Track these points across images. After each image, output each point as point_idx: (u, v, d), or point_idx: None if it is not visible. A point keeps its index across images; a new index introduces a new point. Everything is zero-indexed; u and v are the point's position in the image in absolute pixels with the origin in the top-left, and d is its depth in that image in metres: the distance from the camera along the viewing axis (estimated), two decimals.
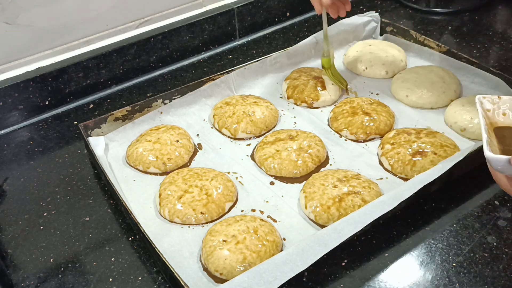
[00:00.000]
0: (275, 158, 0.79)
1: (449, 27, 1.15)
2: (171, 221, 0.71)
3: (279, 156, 0.79)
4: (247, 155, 0.84)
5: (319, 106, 0.93)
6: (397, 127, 0.87)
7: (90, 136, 0.84)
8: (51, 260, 0.68)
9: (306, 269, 0.59)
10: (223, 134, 0.88)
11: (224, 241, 0.65)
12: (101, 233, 0.72)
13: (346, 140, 0.85)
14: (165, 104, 0.91)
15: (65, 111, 0.98)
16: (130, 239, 0.71)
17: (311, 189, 0.73)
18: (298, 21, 1.22)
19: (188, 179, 0.75)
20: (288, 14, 1.21)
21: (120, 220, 0.74)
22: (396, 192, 0.67)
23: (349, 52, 1.04)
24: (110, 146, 0.85)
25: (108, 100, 1.00)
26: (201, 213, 0.71)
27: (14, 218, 0.75)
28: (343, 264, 0.65)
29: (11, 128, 0.93)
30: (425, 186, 0.68)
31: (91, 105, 0.99)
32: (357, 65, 1.01)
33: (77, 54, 0.99)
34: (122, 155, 0.84)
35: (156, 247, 0.63)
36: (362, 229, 0.63)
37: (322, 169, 0.80)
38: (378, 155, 0.81)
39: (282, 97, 0.96)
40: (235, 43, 1.15)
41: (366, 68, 1.00)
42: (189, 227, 0.71)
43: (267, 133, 0.87)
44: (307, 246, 0.60)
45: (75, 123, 0.94)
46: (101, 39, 1.02)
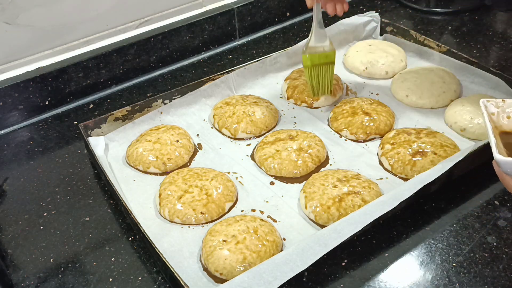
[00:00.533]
0: (275, 158, 0.79)
1: (449, 27, 1.15)
2: (171, 221, 0.71)
3: (279, 156, 0.79)
4: (247, 155, 0.84)
5: (319, 106, 0.93)
6: (397, 127, 0.87)
7: (90, 136, 0.84)
8: (51, 260, 0.68)
9: (306, 269, 0.59)
10: (223, 134, 0.88)
11: (224, 241, 0.65)
12: (101, 233, 0.72)
13: (346, 140, 0.85)
14: (165, 104, 0.91)
15: (65, 111, 0.98)
16: (130, 239, 0.71)
17: (311, 189, 0.73)
18: (298, 21, 1.22)
19: (188, 179, 0.75)
20: (288, 14, 1.21)
21: (120, 220, 0.74)
22: (396, 192, 0.67)
23: (349, 52, 1.04)
24: (110, 146, 0.85)
25: (108, 100, 1.00)
26: (201, 213, 0.71)
27: (14, 218, 0.75)
28: (343, 264, 0.65)
29: (11, 128, 0.93)
30: (425, 186, 0.68)
31: (91, 105, 0.99)
32: (357, 65, 1.00)
33: (77, 54, 0.98)
34: (122, 155, 0.84)
35: (156, 247, 0.63)
36: (362, 229, 0.63)
37: (322, 169, 0.80)
38: (378, 155, 0.81)
39: (282, 97, 0.96)
40: (235, 43, 1.15)
41: (366, 68, 1.00)
42: (189, 227, 0.71)
43: (267, 133, 0.87)
44: (307, 246, 0.60)
45: (75, 123, 0.94)
46: (101, 39, 1.02)
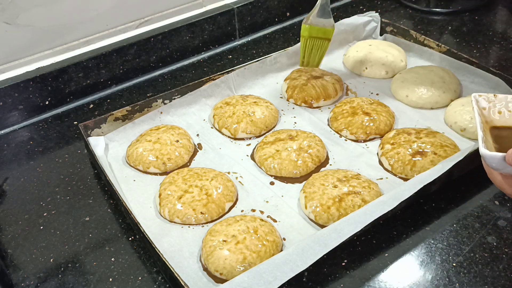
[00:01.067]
0: (275, 158, 0.79)
1: (449, 27, 1.15)
2: (171, 221, 0.71)
3: (279, 156, 0.79)
4: (247, 155, 0.84)
5: (319, 106, 0.93)
6: (397, 127, 0.87)
7: (90, 136, 0.84)
8: (51, 260, 0.68)
9: (306, 269, 0.59)
10: (223, 134, 0.88)
11: (224, 241, 0.65)
12: (101, 233, 0.72)
13: (346, 140, 0.85)
14: (165, 104, 0.91)
15: (65, 111, 0.98)
16: (130, 239, 0.71)
17: (311, 189, 0.73)
18: (298, 21, 1.22)
19: (188, 179, 0.75)
20: (288, 14, 1.21)
21: (120, 220, 0.74)
22: (396, 192, 0.67)
23: (349, 52, 1.04)
24: (110, 146, 0.85)
25: (108, 100, 1.00)
26: (201, 213, 0.71)
27: (14, 218, 0.75)
28: (343, 264, 0.65)
29: (11, 128, 0.93)
30: (425, 186, 0.68)
31: (91, 105, 0.99)
32: (357, 65, 1.00)
33: (77, 54, 0.98)
34: (122, 155, 0.84)
35: (156, 247, 0.63)
36: (362, 229, 0.63)
37: (322, 169, 0.80)
38: (378, 155, 0.81)
39: (282, 97, 0.96)
40: (235, 43, 1.15)
41: (366, 68, 1.00)
42: (189, 227, 0.71)
43: (267, 133, 0.87)
44: (307, 246, 0.60)
45: (75, 123, 0.94)
46: (101, 39, 1.02)
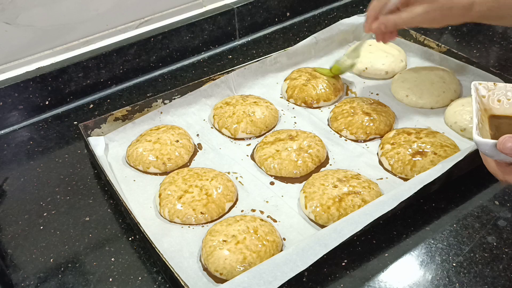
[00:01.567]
0: (275, 158, 0.79)
1: (449, 27, 1.15)
2: (171, 221, 0.71)
3: (279, 156, 0.79)
4: (247, 155, 0.84)
5: (319, 106, 0.93)
6: (397, 127, 0.87)
7: (90, 136, 0.84)
8: (51, 260, 0.68)
9: (306, 269, 0.59)
10: (223, 134, 0.88)
11: (224, 241, 0.65)
12: (101, 233, 0.72)
13: (346, 140, 0.85)
14: (165, 104, 0.91)
15: (65, 111, 0.98)
16: (130, 239, 0.71)
17: (311, 189, 0.73)
18: (298, 21, 1.22)
19: (188, 179, 0.75)
20: (288, 14, 1.21)
21: (120, 220, 0.74)
22: (396, 192, 0.67)
23: None
24: (110, 146, 0.85)
25: (108, 100, 1.00)
26: (201, 213, 0.71)
27: (14, 218, 0.75)
28: (343, 264, 0.65)
29: (11, 128, 0.93)
30: (425, 186, 0.68)
31: (91, 105, 0.99)
32: (357, 65, 1.00)
33: (77, 54, 0.98)
34: (122, 155, 0.84)
35: (156, 247, 0.63)
36: (362, 229, 0.63)
37: (322, 169, 0.80)
38: (378, 155, 0.81)
39: (282, 97, 0.96)
40: (235, 43, 1.15)
41: (366, 68, 1.00)
42: (189, 227, 0.71)
43: (267, 133, 0.87)
44: (307, 246, 0.60)
45: (75, 123, 0.94)
46: (101, 39, 1.02)
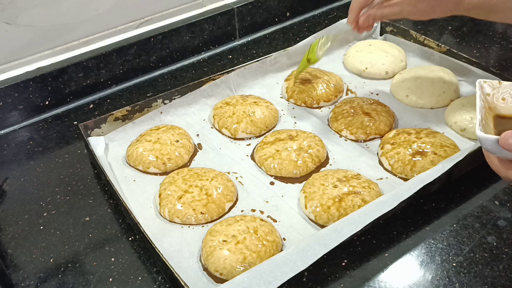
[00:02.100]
0: (275, 158, 0.79)
1: (449, 27, 1.15)
2: (171, 221, 0.71)
3: (279, 156, 0.79)
4: (247, 155, 0.84)
5: (319, 106, 0.93)
6: (397, 127, 0.87)
7: (90, 136, 0.84)
8: (51, 260, 0.68)
9: (306, 269, 0.59)
10: (223, 134, 0.88)
11: (224, 241, 0.65)
12: (101, 233, 0.72)
13: (346, 140, 0.85)
14: (165, 104, 0.91)
15: (65, 111, 0.98)
16: (130, 239, 0.71)
17: (311, 189, 0.73)
18: (298, 21, 1.22)
19: (188, 179, 0.75)
20: (288, 14, 1.21)
21: (120, 220, 0.74)
22: (396, 192, 0.67)
23: (349, 52, 1.04)
24: (110, 146, 0.85)
25: (108, 100, 1.00)
26: (201, 213, 0.71)
27: (14, 218, 0.75)
28: (343, 264, 0.65)
29: (11, 128, 0.93)
30: (425, 186, 0.68)
31: (91, 105, 0.99)
32: (357, 65, 1.00)
33: (77, 54, 0.98)
34: (122, 155, 0.84)
35: (156, 247, 0.63)
36: (362, 229, 0.63)
37: (322, 169, 0.80)
38: (378, 155, 0.81)
39: (282, 97, 0.96)
40: (235, 43, 1.15)
41: (366, 68, 1.00)
42: (189, 227, 0.71)
43: (267, 133, 0.87)
44: (307, 246, 0.60)
45: (75, 123, 0.94)
46: (101, 39, 1.02)
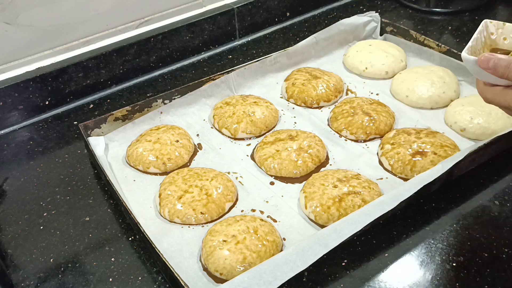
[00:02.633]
0: (275, 158, 0.79)
1: (449, 27, 1.15)
2: (171, 221, 0.71)
3: (279, 156, 0.79)
4: (247, 155, 0.84)
5: (319, 106, 0.93)
6: (397, 127, 0.87)
7: (90, 136, 0.84)
8: (51, 260, 0.68)
9: (306, 269, 0.59)
10: (223, 134, 0.88)
11: (224, 241, 0.65)
12: (101, 233, 0.72)
13: (346, 140, 0.85)
14: (165, 104, 0.91)
15: (65, 111, 0.98)
16: (130, 239, 0.71)
17: (311, 189, 0.73)
18: (298, 21, 1.22)
19: (188, 179, 0.75)
20: (288, 14, 1.21)
21: (120, 220, 0.74)
22: (396, 192, 0.67)
23: (349, 52, 1.04)
24: (110, 146, 0.85)
25: (108, 100, 1.00)
26: (201, 213, 0.71)
27: (14, 218, 0.75)
28: (343, 264, 0.65)
29: (11, 128, 0.93)
30: (425, 186, 0.68)
31: (91, 105, 0.99)
32: (357, 65, 1.00)
33: (77, 54, 0.98)
34: (122, 155, 0.84)
35: (156, 247, 0.63)
36: (362, 229, 0.63)
37: (322, 169, 0.80)
38: (378, 155, 0.81)
39: (282, 97, 0.96)
40: (235, 43, 1.15)
41: (366, 68, 1.00)
42: (189, 227, 0.71)
43: (267, 133, 0.87)
44: (307, 246, 0.60)
45: (75, 123, 0.94)
46: (101, 39, 1.02)
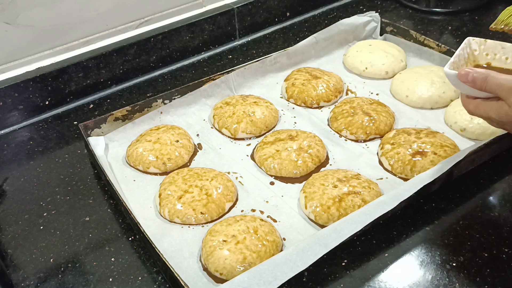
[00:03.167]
0: (275, 158, 0.79)
1: (449, 27, 1.15)
2: (171, 221, 0.71)
3: (279, 156, 0.79)
4: (247, 155, 0.84)
5: (319, 106, 0.93)
6: (397, 127, 0.87)
7: (90, 136, 0.84)
8: (51, 260, 0.68)
9: (306, 269, 0.59)
10: (223, 134, 0.88)
11: (224, 241, 0.65)
12: (101, 233, 0.72)
13: (346, 140, 0.85)
14: (165, 104, 0.91)
15: (65, 111, 0.98)
16: (130, 239, 0.71)
17: (311, 189, 0.73)
18: (298, 21, 1.22)
19: (188, 179, 0.75)
20: (288, 14, 1.21)
21: (120, 220, 0.74)
22: (396, 192, 0.67)
23: (349, 52, 1.04)
24: (110, 146, 0.85)
25: (108, 100, 1.00)
26: (201, 213, 0.71)
27: (14, 218, 0.75)
28: (343, 264, 0.65)
29: (11, 128, 0.93)
30: (425, 186, 0.68)
31: (91, 105, 0.99)
32: (357, 65, 1.00)
33: (77, 54, 0.98)
34: (122, 155, 0.84)
35: (156, 247, 0.63)
36: (362, 229, 0.63)
37: (322, 169, 0.80)
38: (378, 155, 0.81)
39: (282, 97, 0.96)
40: (235, 43, 1.15)
41: (366, 68, 1.00)
42: (189, 227, 0.71)
43: (267, 133, 0.87)
44: (307, 246, 0.60)
45: (75, 123, 0.94)
46: (101, 39, 1.02)
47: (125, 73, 1.03)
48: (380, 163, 0.80)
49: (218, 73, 0.95)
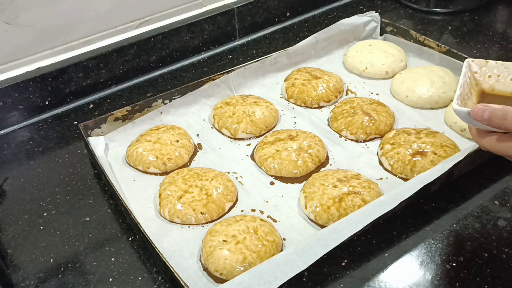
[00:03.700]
0: (275, 158, 0.79)
1: (449, 27, 1.15)
2: (171, 221, 0.71)
3: (279, 156, 0.79)
4: (247, 155, 0.84)
5: (319, 106, 0.93)
6: (397, 127, 0.87)
7: (90, 136, 0.84)
8: (51, 260, 0.68)
9: (306, 269, 0.59)
10: (223, 134, 0.88)
11: (224, 241, 0.65)
12: (101, 233, 0.72)
13: (346, 140, 0.85)
14: (165, 104, 0.91)
15: (65, 111, 0.98)
16: (130, 239, 0.71)
17: (311, 189, 0.73)
18: (298, 21, 1.22)
19: (188, 179, 0.75)
20: (288, 14, 1.21)
21: (120, 220, 0.74)
22: (396, 192, 0.67)
23: (349, 52, 1.04)
24: (110, 146, 0.85)
25: (108, 100, 1.00)
26: (201, 213, 0.71)
27: (14, 218, 0.75)
28: (343, 264, 0.65)
29: (11, 128, 0.93)
30: (425, 186, 0.68)
31: (91, 105, 0.99)
32: (357, 65, 1.00)
33: (77, 54, 0.98)
34: (122, 155, 0.84)
35: (156, 247, 0.63)
36: (362, 229, 0.63)
37: (322, 169, 0.80)
38: (378, 155, 0.81)
39: (282, 97, 0.96)
40: (235, 43, 1.15)
41: (366, 68, 1.00)
42: (189, 227, 0.71)
43: (267, 133, 0.87)
44: (307, 246, 0.60)
45: (75, 123, 0.94)
46: (101, 39, 1.02)
47: (125, 73, 1.03)
48: (380, 163, 0.80)
49: (218, 73, 0.95)
